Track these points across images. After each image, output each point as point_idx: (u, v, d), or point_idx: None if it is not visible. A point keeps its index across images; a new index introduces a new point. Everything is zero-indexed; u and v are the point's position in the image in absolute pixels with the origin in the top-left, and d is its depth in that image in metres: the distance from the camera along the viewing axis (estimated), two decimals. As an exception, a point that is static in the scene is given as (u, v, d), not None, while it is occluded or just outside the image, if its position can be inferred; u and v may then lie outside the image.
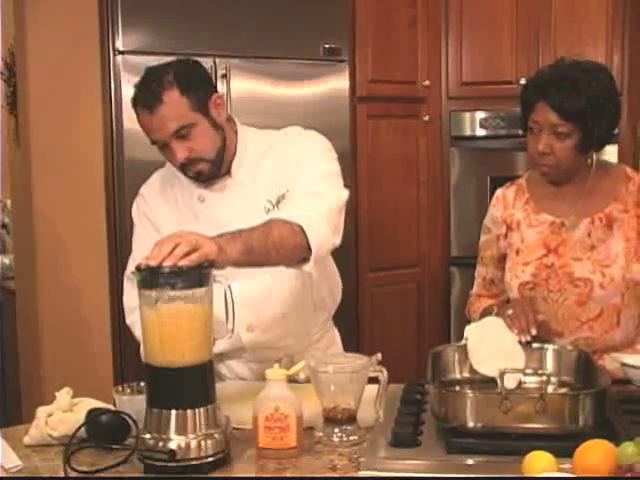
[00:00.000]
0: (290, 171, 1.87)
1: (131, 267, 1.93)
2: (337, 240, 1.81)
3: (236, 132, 1.94)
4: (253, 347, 1.94)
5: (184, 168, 1.86)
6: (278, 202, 1.87)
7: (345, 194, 1.88)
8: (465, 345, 1.75)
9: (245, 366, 1.99)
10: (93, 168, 3.04)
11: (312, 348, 1.99)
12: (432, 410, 1.54)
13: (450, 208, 3.82)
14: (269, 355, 1.89)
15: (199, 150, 1.83)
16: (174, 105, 1.78)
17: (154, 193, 2.00)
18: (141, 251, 1.81)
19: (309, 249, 1.69)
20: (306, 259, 1.71)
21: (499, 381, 1.46)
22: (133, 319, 1.93)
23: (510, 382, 1.54)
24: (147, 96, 1.79)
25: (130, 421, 1.55)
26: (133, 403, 1.60)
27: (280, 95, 3.27)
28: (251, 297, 1.87)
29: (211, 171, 1.87)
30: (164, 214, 1.96)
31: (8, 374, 3.38)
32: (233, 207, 1.89)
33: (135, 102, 1.83)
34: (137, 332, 1.93)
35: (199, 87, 1.84)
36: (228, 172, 1.92)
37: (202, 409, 1.45)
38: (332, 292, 2.08)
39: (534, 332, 1.79)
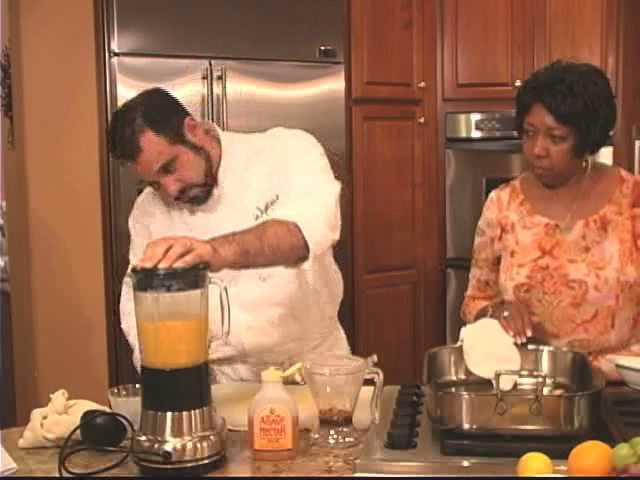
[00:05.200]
0: (278, 176, 1.87)
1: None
2: (335, 235, 1.81)
3: (219, 140, 1.94)
4: (254, 350, 1.94)
5: (179, 198, 1.89)
6: (267, 208, 1.87)
7: (337, 187, 1.86)
8: (461, 347, 1.75)
9: (248, 369, 1.98)
10: (88, 170, 3.03)
11: (313, 352, 1.97)
12: (428, 412, 1.54)
13: (445, 210, 3.83)
14: (271, 358, 1.90)
15: (188, 179, 1.85)
16: (152, 147, 1.79)
17: (147, 202, 2.02)
18: (138, 257, 1.81)
19: (306, 247, 1.69)
20: (304, 257, 1.70)
21: (495, 383, 1.46)
22: (128, 324, 1.93)
23: (505, 384, 1.54)
24: (124, 146, 1.81)
25: (125, 423, 1.55)
26: (128, 405, 1.60)
27: (276, 97, 3.27)
28: (252, 298, 1.88)
29: (205, 193, 1.90)
30: (157, 221, 1.98)
31: (3, 376, 3.37)
32: (222, 215, 1.90)
33: (114, 153, 1.87)
34: (131, 338, 1.93)
35: (171, 118, 1.83)
36: (215, 182, 1.92)
37: (197, 411, 1.45)
38: (332, 298, 2.08)
39: (530, 334, 1.79)
